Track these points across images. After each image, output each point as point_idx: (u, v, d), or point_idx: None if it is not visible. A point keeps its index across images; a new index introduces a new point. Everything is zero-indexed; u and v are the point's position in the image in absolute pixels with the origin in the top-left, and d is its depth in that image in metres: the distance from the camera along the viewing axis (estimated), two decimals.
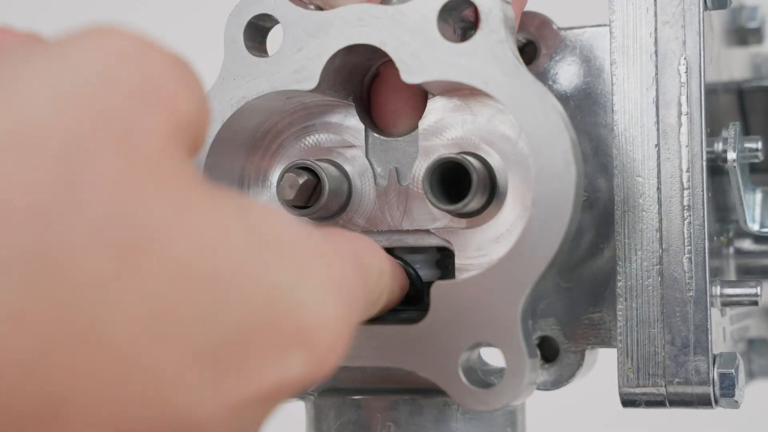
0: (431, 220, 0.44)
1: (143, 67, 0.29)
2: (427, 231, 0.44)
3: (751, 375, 0.54)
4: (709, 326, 0.42)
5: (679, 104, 0.43)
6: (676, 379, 0.43)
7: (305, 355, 0.30)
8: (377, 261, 0.38)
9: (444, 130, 0.44)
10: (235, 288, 0.29)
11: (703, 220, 0.43)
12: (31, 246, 0.26)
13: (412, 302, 0.44)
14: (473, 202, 0.42)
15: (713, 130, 0.45)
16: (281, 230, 0.31)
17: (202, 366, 0.28)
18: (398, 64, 0.41)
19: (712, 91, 0.45)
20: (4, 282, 0.26)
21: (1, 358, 0.26)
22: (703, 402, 0.43)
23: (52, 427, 0.26)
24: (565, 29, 0.47)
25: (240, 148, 0.45)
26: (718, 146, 0.44)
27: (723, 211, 0.48)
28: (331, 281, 0.32)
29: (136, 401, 0.27)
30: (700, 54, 0.43)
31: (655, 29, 0.44)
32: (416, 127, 0.44)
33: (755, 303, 0.44)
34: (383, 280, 0.39)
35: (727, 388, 0.43)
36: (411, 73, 0.41)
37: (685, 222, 0.43)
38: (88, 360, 0.26)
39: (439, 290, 0.40)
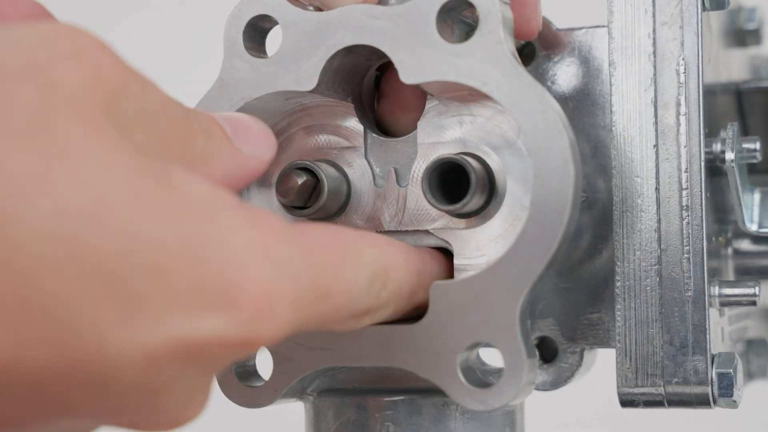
0: (430, 220, 0.44)
1: (75, 39, 0.30)
2: (426, 231, 0.44)
3: (749, 375, 0.54)
4: (707, 326, 0.43)
5: (678, 105, 0.43)
6: (675, 379, 0.43)
7: (226, 317, 0.30)
8: (373, 256, 0.37)
9: (443, 130, 0.44)
10: (146, 227, 0.28)
11: (702, 220, 0.43)
12: None
13: None
14: (472, 202, 0.42)
15: (712, 131, 0.45)
16: (210, 193, 0.31)
17: (110, 298, 0.28)
18: (397, 65, 0.41)
19: (710, 92, 0.45)
20: None
21: None
22: (702, 402, 0.43)
23: None
24: (564, 30, 0.47)
25: None
26: (717, 147, 0.44)
27: (721, 212, 0.48)
28: (262, 250, 0.31)
29: (38, 323, 0.27)
30: (698, 54, 0.43)
31: (654, 30, 0.44)
32: (415, 127, 0.44)
33: (753, 303, 0.44)
34: (385, 274, 0.38)
35: (726, 388, 0.43)
36: (410, 74, 0.41)
37: (684, 222, 0.43)
38: None
39: (437, 290, 0.40)
